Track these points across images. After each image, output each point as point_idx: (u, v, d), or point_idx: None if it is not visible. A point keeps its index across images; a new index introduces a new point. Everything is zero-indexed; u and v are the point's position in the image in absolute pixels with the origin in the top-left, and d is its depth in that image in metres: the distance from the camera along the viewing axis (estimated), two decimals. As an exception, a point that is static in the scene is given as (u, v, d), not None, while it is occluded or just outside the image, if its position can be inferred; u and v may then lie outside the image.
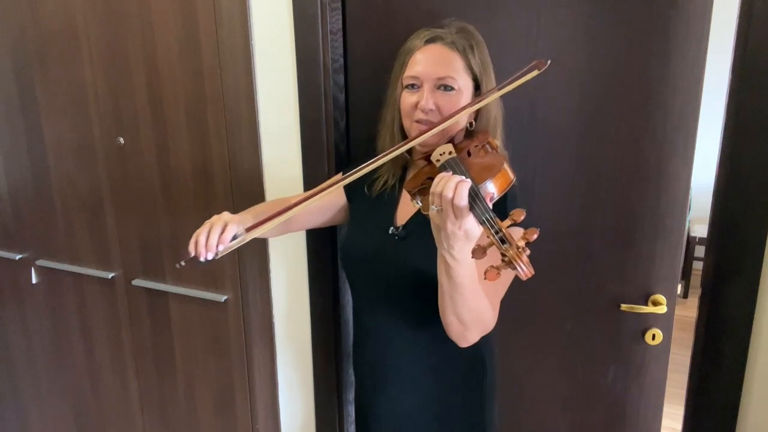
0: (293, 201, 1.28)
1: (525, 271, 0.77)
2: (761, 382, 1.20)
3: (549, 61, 0.96)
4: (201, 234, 1.04)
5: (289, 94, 1.41)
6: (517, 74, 0.98)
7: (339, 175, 1.31)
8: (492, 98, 1.02)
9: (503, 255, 0.78)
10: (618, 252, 1.35)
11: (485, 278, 0.78)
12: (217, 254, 1.03)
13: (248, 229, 1.05)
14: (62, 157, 1.73)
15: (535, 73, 0.96)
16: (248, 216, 1.11)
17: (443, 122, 1.02)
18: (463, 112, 1.04)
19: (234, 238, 1.04)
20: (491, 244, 0.79)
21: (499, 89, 1.00)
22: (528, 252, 0.78)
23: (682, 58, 1.21)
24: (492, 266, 0.78)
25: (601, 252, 1.36)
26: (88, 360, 1.93)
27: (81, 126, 1.67)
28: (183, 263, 1.04)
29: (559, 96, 1.30)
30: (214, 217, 1.07)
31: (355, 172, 1.02)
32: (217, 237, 1.03)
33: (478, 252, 0.80)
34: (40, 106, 1.71)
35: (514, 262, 0.77)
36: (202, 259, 1.03)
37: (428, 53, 1.07)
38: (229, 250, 1.05)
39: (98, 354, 1.90)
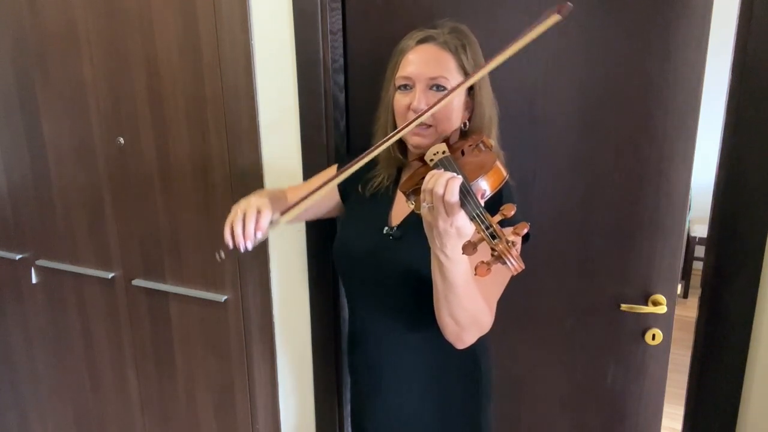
0: (301, 190, 1.28)
1: (515, 265, 0.76)
2: (761, 382, 1.20)
3: (571, 5, 0.81)
4: (236, 223, 0.99)
5: (289, 94, 1.41)
6: (536, 22, 0.83)
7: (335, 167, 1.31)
8: (509, 54, 0.88)
9: (493, 250, 0.77)
10: (618, 252, 1.35)
11: (476, 274, 0.77)
12: (256, 242, 1.00)
13: (282, 213, 0.99)
14: (62, 157, 1.73)
15: (555, 18, 0.82)
16: (268, 199, 1.06)
17: (441, 100, 0.97)
18: (470, 81, 0.96)
19: (270, 223, 1.00)
20: (481, 240, 0.79)
21: (517, 41, 0.86)
22: (518, 246, 0.77)
23: (682, 58, 1.21)
24: (482, 261, 0.77)
25: (601, 252, 1.36)
26: (88, 360, 1.93)
27: (81, 126, 1.67)
28: (223, 255, 1.00)
29: (558, 96, 1.30)
30: (243, 202, 1.03)
31: (354, 164, 0.96)
32: (253, 225, 0.99)
33: (469, 248, 0.79)
34: (40, 106, 1.71)
35: (503, 257, 0.76)
36: (242, 249, 0.99)
37: (420, 53, 1.06)
38: (266, 236, 0.99)
39: (98, 354, 1.90)
